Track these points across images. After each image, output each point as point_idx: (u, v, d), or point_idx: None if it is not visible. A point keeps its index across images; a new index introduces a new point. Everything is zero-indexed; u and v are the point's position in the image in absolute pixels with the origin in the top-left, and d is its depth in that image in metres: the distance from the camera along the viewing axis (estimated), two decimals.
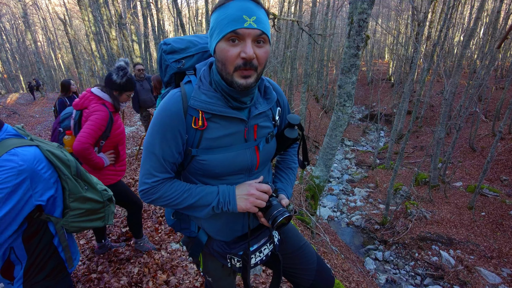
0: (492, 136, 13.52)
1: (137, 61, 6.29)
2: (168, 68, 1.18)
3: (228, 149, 1.09)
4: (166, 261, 2.80)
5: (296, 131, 1.22)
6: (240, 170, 1.14)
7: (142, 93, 6.18)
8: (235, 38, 0.93)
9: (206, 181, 1.15)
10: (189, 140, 1.08)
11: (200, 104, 1.03)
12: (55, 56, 37.42)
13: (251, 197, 1.10)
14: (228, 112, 1.05)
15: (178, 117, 1.03)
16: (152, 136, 1.06)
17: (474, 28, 9.27)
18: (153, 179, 1.09)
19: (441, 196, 9.93)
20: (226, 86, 1.02)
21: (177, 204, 1.11)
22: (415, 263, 7.59)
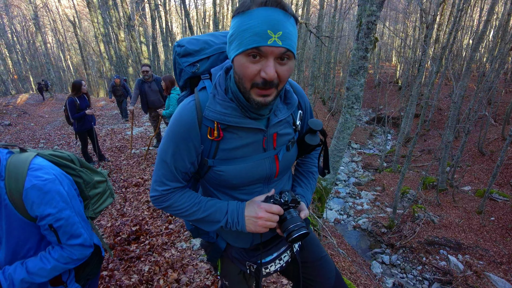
0: (501, 140, 13.36)
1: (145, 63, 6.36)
2: (182, 73, 1.12)
3: (245, 159, 1.04)
4: (176, 260, 2.82)
5: (317, 138, 1.16)
6: (258, 179, 1.10)
7: (150, 94, 6.24)
8: (256, 54, 0.84)
9: (224, 190, 1.12)
10: (205, 151, 1.03)
11: (215, 115, 0.97)
12: (64, 57, 37.92)
13: (260, 220, 1.04)
14: (244, 122, 0.99)
15: (192, 128, 0.99)
16: (166, 144, 1.03)
17: (484, 30, 9.20)
18: (164, 187, 1.07)
19: (449, 200, 9.82)
20: (243, 99, 0.96)
21: (186, 216, 1.10)
22: (422, 267, 7.51)
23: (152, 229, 3.57)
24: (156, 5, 17.86)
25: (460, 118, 12.97)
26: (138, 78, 6.31)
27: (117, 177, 5.56)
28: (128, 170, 5.89)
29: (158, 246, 3.14)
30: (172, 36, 19.90)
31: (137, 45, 18.15)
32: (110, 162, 6.37)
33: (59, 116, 13.26)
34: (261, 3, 0.82)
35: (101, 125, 10.33)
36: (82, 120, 5.56)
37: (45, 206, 1.16)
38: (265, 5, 0.82)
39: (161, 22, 19.07)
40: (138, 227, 3.61)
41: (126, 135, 8.72)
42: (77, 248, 1.28)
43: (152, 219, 3.82)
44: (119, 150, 7.31)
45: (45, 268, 1.23)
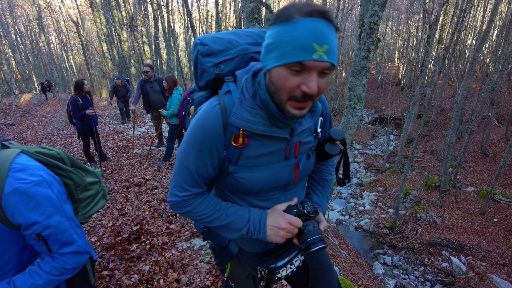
0: (505, 141, 13.28)
1: (147, 63, 6.37)
2: (205, 74, 1.06)
3: (267, 167, 1.03)
4: (176, 260, 2.82)
5: (337, 147, 1.14)
6: (277, 187, 1.09)
7: (152, 94, 6.25)
8: (298, 68, 0.79)
9: (241, 196, 1.10)
10: (227, 156, 1.01)
11: (242, 122, 0.94)
12: (67, 57, 38.11)
13: (282, 231, 1.03)
14: (271, 131, 0.96)
15: (216, 133, 0.95)
16: (187, 149, 0.99)
17: (487, 31, 9.15)
18: (184, 193, 1.03)
19: (452, 201, 9.78)
20: (275, 109, 0.92)
21: (207, 222, 1.07)
22: (424, 268, 7.48)
23: (153, 229, 3.57)
24: (158, 5, 17.91)
25: (463, 118, 12.92)
26: (140, 78, 6.32)
27: (119, 177, 5.57)
28: (129, 170, 5.90)
29: (158, 246, 3.14)
30: (174, 36, 19.94)
31: (139, 45, 18.21)
32: (112, 162, 6.38)
33: (62, 116, 13.31)
34: (306, 13, 0.77)
35: (104, 125, 10.36)
36: (84, 120, 5.57)
37: (31, 213, 1.03)
38: (310, 15, 0.77)
39: (164, 22, 19.12)
40: (139, 227, 3.61)
41: (128, 135, 8.74)
42: (71, 256, 1.16)
43: (153, 219, 3.82)
44: (121, 150, 7.33)
45: (36, 285, 1.10)
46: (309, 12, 0.76)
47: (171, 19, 20.13)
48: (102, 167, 6.07)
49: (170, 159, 6.07)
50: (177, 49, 17.97)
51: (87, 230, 3.78)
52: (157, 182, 5.12)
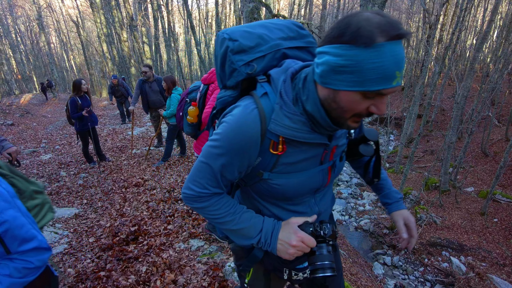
0: (505, 141, 13.26)
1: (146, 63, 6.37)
2: (235, 73, 0.96)
3: (302, 173, 0.98)
4: (174, 261, 2.81)
5: (371, 148, 1.08)
6: (309, 191, 1.05)
7: (151, 94, 6.25)
8: (375, 96, 0.76)
9: (272, 201, 1.06)
10: (262, 163, 0.95)
11: (283, 130, 0.88)
12: (67, 57, 38.16)
13: (292, 249, 0.97)
14: (313, 138, 0.91)
15: (253, 141, 0.89)
16: (217, 150, 0.91)
17: (488, 31, 9.12)
18: (203, 190, 0.97)
19: (452, 201, 9.76)
20: (327, 122, 0.86)
21: (219, 223, 1.03)
22: (424, 269, 7.46)
23: (151, 229, 3.56)
24: (158, 5, 17.91)
25: (463, 118, 12.90)
26: (139, 78, 6.32)
27: (118, 177, 5.56)
28: (128, 170, 5.89)
29: (156, 246, 3.13)
30: (174, 36, 19.94)
31: (139, 45, 18.22)
32: (111, 162, 6.38)
33: (62, 116, 13.32)
34: (392, 37, 0.69)
35: (103, 125, 10.36)
36: (83, 120, 5.57)
37: None
38: (397, 37, 0.70)
39: (164, 22, 19.14)
40: (137, 227, 3.60)
41: (127, 135, 8.74)
42: (33, 253, 1.06)
43: (151, 220, 3.81)
44: (120, 150, 7.33)
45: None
46: (395, 36, 0.70)
47: (171, 19, 20.13)
48: (101, 167, 6.07)
49: (169, 160, 6.06)
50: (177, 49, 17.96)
51: (85, 231, 3.78)
52: (155, 182, 5.10)
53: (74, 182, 5.43)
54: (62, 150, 7.68)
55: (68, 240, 3.51)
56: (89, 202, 4.66)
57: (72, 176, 5.75)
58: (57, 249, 3.32)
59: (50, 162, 6.62)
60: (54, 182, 5.50)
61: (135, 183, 5.16)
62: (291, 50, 1.00)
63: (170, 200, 4.28)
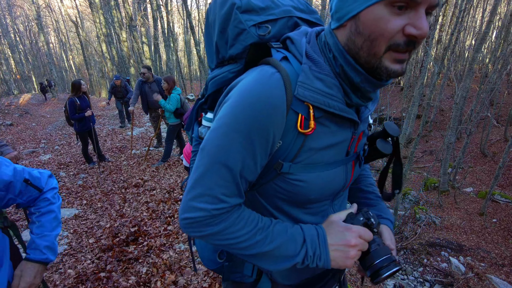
0: (504, 142, 13.29)
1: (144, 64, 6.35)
2: (242, 35, 0.76)
3: (328, 165, 0.75)
4: (174, 262, 2.81)
5: (390, 145, 0.90)
6: (331, 194, 0.82)
7: (151, 95, 6.26)
8: (404, 4, 0.58)
9: (283, 207, 0.80)
10: (282, 149, 0.71)
11: (315, 96, 0.67)
12: (66, 57, 38.12)
13: (353, 250, 0.74)
14: (348, 111, 0.71)
15: (278, 113, 0.65)
16: (229, 137, 0.65)
17: (487, 31, 9.14)
18: (218, 206, 0.68)
19: (451, 201, 9.78)
20: (362, 73, 0.68)
21: (241, 248, 0.72)
22: (423, 269, 7.47)
23: (151, 230, 3.56)
24: (158, 5, 17.91)
25: (462, 119, 12.91)
26: (139, 79, 6.32)
27: (117, 178, 5.56)
28: (128, 170, 5.89)
29: (156, 247, 3.13)
30: (173, 37, 19.94)
31: (139, 45, 18.21)
32: (111, 163, 6.37)
33: (61, 116, 13.31)
34: None
35: (102, 125, 10.34)
36: (83, 121, 5.57)
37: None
38: None
39: (163, 22, 19.12)
40: (137, 228, 3.60)
41: (127, 135, 8.73)
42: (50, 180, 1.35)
43: (151, 220, 3.81)
44: (119, 150, 7.32)
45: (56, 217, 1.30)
46: None
47: (171, 19, 20.13)
48: (101, 168, 6.07)
49: (169, 160, 6.06)
50: (176, 49, 17.96)
51: (85, 232, 3.77)
52: (155, 183, 5.10)
53: (74, 183, 5.42)
54: (61, 150, 7.68)
55: (68, 241, 3.51)
56: (88, 202, 4.65)
57: (71, 177, 5.74)
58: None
59: (50, 163, 6.61)
60: None
61: (135, 184, 5.16)
62: (303, 22, 0.84)
63: (170, 201, 4.28)
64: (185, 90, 19.51)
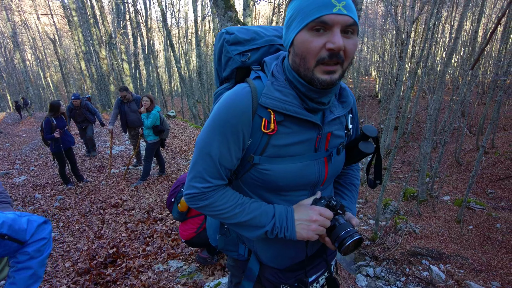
0: (476, 150, 13.84)
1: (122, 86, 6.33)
2: (230, 61, 1.04)
3: (295, 159, 0.94)
4: (153, 283, 2.77)
5: (372, 145, 1.08)
6: (305, 185, 1.00)
7: (130, 114, 6.25)
8: (320, 27, 0.79)
9: (263, 194, 1.02)
10: (252, 145, 0.94)
11: (274, 103, 0.89)
12: (44, 75, 37.27)
13: (314, 224, 0.93)
14: (304, 114, 0.90)
15: (245, 116, 0.89)
16: (210, 134, 0.92)
17: (454, 47, 9.66)
18: (205, 184, 0.95)
19: (430, 210, 10.03)
20: (304, 84, 0.88)
21: (226, 218, 0.98)
22: (406, 278, 7.56)
23: (130, 251, 3.50)
24: (137, 23, 17.95)
25: (437, 130, 13.41)
26: (117, 98, 6.30)
27: (96, 198, 5.44)
28: (106, 190, 5.78)
29: (135, 268, 3.08)
30: (154, 54, 19.95)
31: (118, 62, 18.10)
32: (89, 183, 6.24)
33: (38, 136, 12.94)
34: None
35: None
36: (58, 141, 5.47)
37: None
38: None
39: (143, 40, 19.13)
40: (115, 250, 3.53)
41: (105, 154, 8.58)
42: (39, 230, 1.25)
43: (129, 241, 3.75)
44: (98, 170, 7.18)
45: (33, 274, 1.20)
46: None
47: (151, 36, 20.18)
48: (79, 188, 5.93)
49: (148, 179, 6.00)
50: (156, 66, 17.95)
51: (61, 255, 3.67)
52: (134, 202, 5.03)
53: (50, 205, 5.27)
54: (37, 171, 7.45)
55: None
56: (65, 225, 4.53)
57: (48, 199, 5.58)
58: None
59: (25, 185, 6.40)
60: (29, 205, 5.32)
61: (114, 204, 5.06)
62: (283, 47, 1.06)
63: (149, 221, 4.22)
64: (166, 106, 19.42)
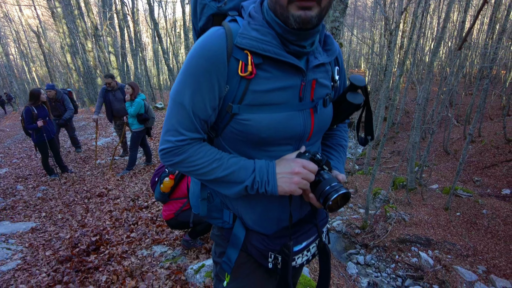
0: (464, 139, 14.04)
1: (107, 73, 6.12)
2: (205, 8, 0.96)
3: (279, 107, 0.87)
4: (136, 268, 2.70)
5: (360, 96, 1.00)
6: (290, 138, 0.93)
7: (115, 103, 6.09)
8: None
9: (246, 151, 0.94)
10: (230, 93, 0.86)
11: (251, 42, 0.81)
12: (28, 69, 36.38)
13: (296, 177, 0.87)
14: (284, 55, 0.82)
15: (219, 59, 0.81)
16: (182, 82, 0.84)
17: (442, 36, 9.69)
18: (179, 137, 0.87)
19: (419, 198, 10.15)
20: (281, 24, 0.81)
21: (202, 174, 0.90)
22: (395, 265, 7.65)
23: (113, 238, 3.41)
24: (124, 14, 17.59)
25: (425, 119, 13.53)
26: (102, 87, 6.13)
27: (80, 188, 5.32)
28: (92, 180, 5.65)
29: (117, 255, 3.00)
30: (141, 46, 19.61)
31: (105, 55, 17.74)
32: (73, 174, 6.10)
33: (22, 130, 12.63)
34: None
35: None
36: (40, 131, 5.30)
37: None
38: None
39: (130, 31, 18.78)
40: (98, 237, 3.43)
41: (92, 145, 8.41)
42: None
43: (114, 229, 3.66)
44: (83, 161, 7.03)
45: None
46: None
47: (138, 28, 19.81)
48: (63, 179, 5.78)
49: (134, 168, 5.88)
50: (144, 59, 17.66)
51: (42, 245, 3.56)
52: (119, 191, 4.92)
53: (32, 195, 5.13)
54: (20, 163, 7.25)
55: (22, 256, 3.29)
56: (48, 215, 4.40)
57: (30, 190, 5.43)
58: (8, 265, 3.08)
59: (6, 177, 6.22)
60: (10, 196, 5.17)
61: (99, 194, 4.95)
62: None
63: (134, 209, 4.13)
64: (154, 99, 19.17)
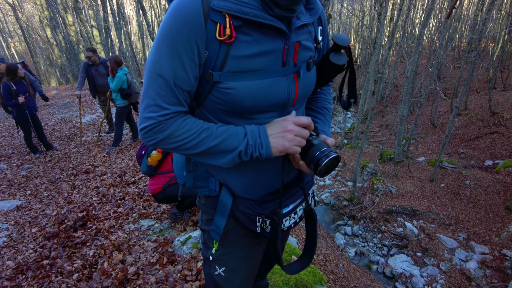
0: (451, 113, 14.20)
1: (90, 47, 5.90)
2: None
3: (261, 73, 0.82)
4: (123, 242, 2.70)
5: (344, 56, 0.95)
6: (274, 106, 0.89)
7: (98, 78, 5.89)
8: None
9: (230, 121, 0.89)
10: (210, 59, 0.80)
11: (228, 4, 0.75)
12: (7, 45, 34.82)
13: (289, 134, 0.84)
14: (265, 17, 0.76)
15: (196, 22, 0.74)
16: (158, 50, 0.77)
17: (431, 7, 9.57)
18: (161, 112, 0.79)
19: (406, 171, 10.36)
20: None
21: (191, 147, 0.84)
22: (382, 235, 7.91)
23: (100, 214, 3.40)
24: None
25: (413, 93, 13.60)
26: (84, 61, 5.90)
27: (66, 165, 5.24)
28: (77, 157, 5.57)
29: (105, 230, 3.00)
30: (125, 20, 18.87)
31: (87, 29, 17.04)
32: (59, 151, 5.98)
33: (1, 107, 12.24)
34: None
35: (51, 115, 9.65)
36: (20, 108, 5.13)
37: None
38: None
39: (112, 4, 17.99)
40: (85, 213, 3.42)
41: (77, 123, 8.23)
42: None
43: (101, 205, 3.64)
44: (69, 138, 6.89)
45: None
46: None
47: (121, 1, 18.96)
48: (48, 157, 5.68)
49: (121, 144, 5.80)
50: (129, 34, 17.04)
51: (28, 222, 3.53)
52: (106, 168, 4.87)
53: (16, 174, 5.03)
54: (2, 142, 7.07)
55: (8, 233, 3.26)
56: (33, 193, 4.34)
57: (14, 168, 5.32)
58: None
59: None
60: None
61: (85, 170, 4.89)
62: None
63: (121, 184, 4.10)
64: (140, 75, 18.70)
